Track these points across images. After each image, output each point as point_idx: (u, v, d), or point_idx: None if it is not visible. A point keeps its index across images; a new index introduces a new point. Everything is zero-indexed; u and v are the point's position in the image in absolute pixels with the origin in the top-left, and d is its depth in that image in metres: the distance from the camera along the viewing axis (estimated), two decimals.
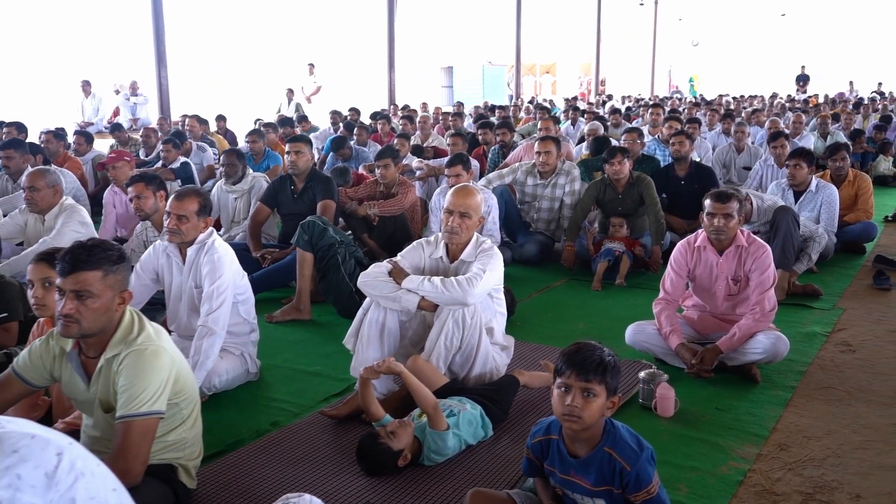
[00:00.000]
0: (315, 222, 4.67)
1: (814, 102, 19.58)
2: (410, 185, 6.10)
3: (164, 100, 12.94)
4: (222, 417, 3.36)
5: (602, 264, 5.39)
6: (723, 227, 3.77)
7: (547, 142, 6.08)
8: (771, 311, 3.73)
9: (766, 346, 3.63)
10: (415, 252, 3.55)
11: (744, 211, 4.98)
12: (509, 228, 6.33)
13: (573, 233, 5.88)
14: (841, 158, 6.44)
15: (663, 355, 3.88)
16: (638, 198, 5.93)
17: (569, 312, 4.89)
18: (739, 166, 8.74)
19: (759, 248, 3.81)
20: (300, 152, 5.37)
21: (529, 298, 5.20)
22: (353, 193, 6.20)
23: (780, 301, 4.87)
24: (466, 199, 3.43)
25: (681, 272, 3.97)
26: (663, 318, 3.86)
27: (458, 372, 3.37)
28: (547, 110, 12.22)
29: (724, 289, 3.91)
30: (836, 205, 5.91)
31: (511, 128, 8.61)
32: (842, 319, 4.62)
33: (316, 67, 19.48)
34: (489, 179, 6.24)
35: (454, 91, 32.22)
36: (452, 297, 3.19)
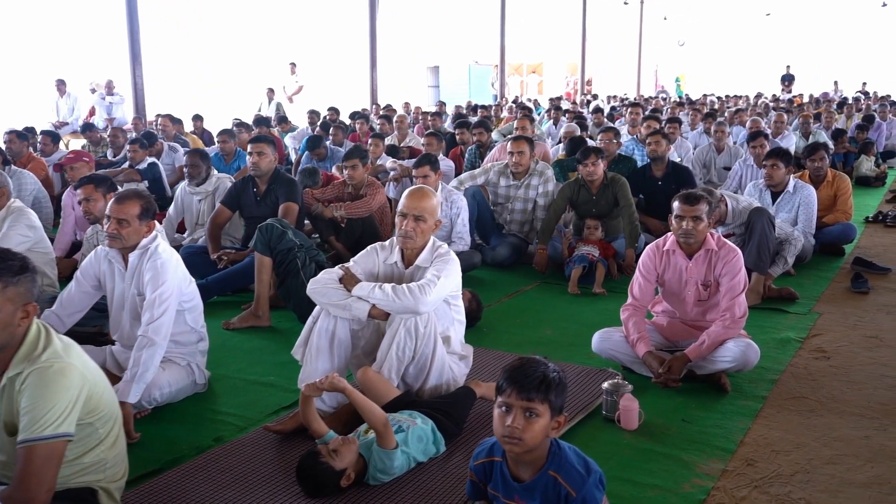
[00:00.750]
0: (273, 225, 4.49)
1: (798, 102, 19.53)
2: (379, 187, 5.93)
3: (140, 99, 12.71)
4: (163, 432, 3.18)
5: (576, 270, 5.24)
6: (691, 230, 3.63)
7: (520, 142, 5.93)
8: (741, 317, 3.59)
9: (736, 355, 3.48)
10: (368, 257, 3.39)
11: (718, 212, 4.88)
12: (482, 230, 6.18)
13: (546, 235, 5.72)
14: (819, 158, 6.32)
15: (631, 363, 3.73)
16: (612, 199, 5.79)
17: (538, 318, 4.73)
18: (720, 166, 8.62)
19: (730, 251, 3.66)
20: (262, 153, 5.18)
21: (499, 303, 5.05)
22: (321, 195, 6.02)
23: (754, 305, 4.78)
24: (421, 201, 3.26)
25: (649, 277, 3.82)
26: (631, 325, 3.71)
27: (412, 383, 3.21)
28: (528, 110, 12.06)
29: (693, 294, 3.76)
30: (813, 206, 5.78)
31: (488, 127, 8.45)
32: (817, 324, 4.49)
33: (298, 67, 19.24)
34: (461, 180, 6.08)
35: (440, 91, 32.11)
36: (404, 305, 3.03)
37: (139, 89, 12.65)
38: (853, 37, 30.08)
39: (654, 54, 34.16)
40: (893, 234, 7.01)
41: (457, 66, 32.46)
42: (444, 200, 5.51)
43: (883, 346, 4.10)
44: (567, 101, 21.21)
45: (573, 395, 3.44)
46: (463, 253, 5.44)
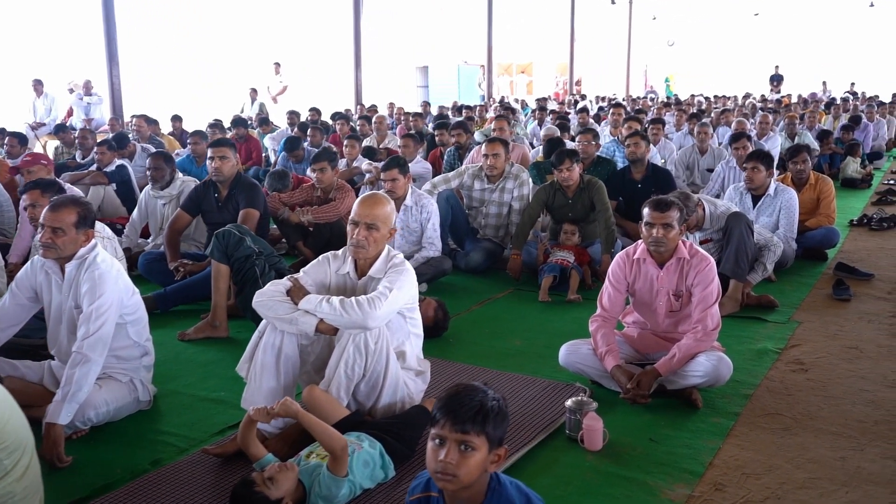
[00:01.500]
0: (230, 232, 4.30)
1: (786, 102, 19.42)
2: (349, 190, 5.75)
3: (117, 100, 12.49)
4: (98, 455, 2.99)
5: (546, 279, 5.07)
6: (662, 238, 3.46)
7: (494, 144, 5.75)
8: (714, 329, 3.42)
9: (707, 370, 3.32)
10: (320, 267, 3.21)
11: (695, 217, 4.72)
12: (456, 235, 6.01)
13: (520, 241, 5.55)
14: (802, 161, 6.17)
15: (599, 378, 3.56)
16: (589, 203, 5.62)
17: (508, 327, 4.55)
18: (703, 168, 8.47)
19: (702, 260, 3.50)
20: (224, 158, 4.98)
21: (469, 311, 4.87)
22: (288, 199, 5.84)
23: (733, 314, 4.63)
24: (373, 208, 3.08)
25: (619, 286, 3.65)
26: (599, 337, 3.54)
27: (363, 402, 3.03)
28: (512, 111, 11.89)
29: (664, 304, 3.60)
30: (795, 210, 5.63)
31: (467, 129, 8.26)
32: (796, 334, 4.33)
33: (282, 67, 19.03)
34: (434, 184, 5.91)
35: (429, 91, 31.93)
36: (352, 320, 2.84)
37: (116, 90, 12.43)
38: (841, 37, 30.06)
39: (643, 54, 34.07)
40: (877, 238, 6.87)
41: (446, 67, 32.29)
42: (413, 205, 5.33)
43: (863, 358, 3.94)
44: (554, 102, 21.05)
45: (536, 412, 3.27)
46: (433, 259, 5.28)
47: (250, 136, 10.82)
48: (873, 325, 4.47)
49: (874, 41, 29.51)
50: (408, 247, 5.42)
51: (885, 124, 13.71)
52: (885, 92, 22.04)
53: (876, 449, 2.96)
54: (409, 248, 5.41)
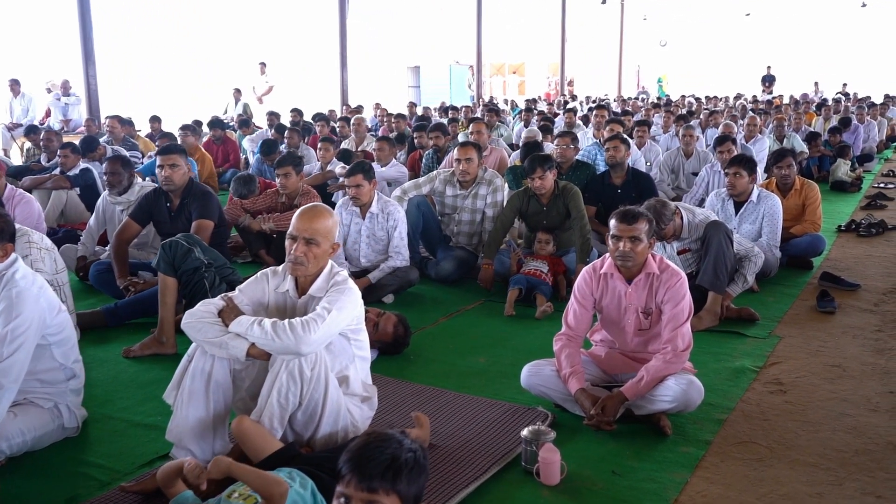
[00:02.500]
0: (178, 242, 4.06)
1: (777, 103, 19.22)
2: (314, 196, 5.51)
3: (94, 100, 12.21)
4: (10, 489, 2.74)
5: (512, 292, 4.83)
6: (629, 251, 3.23)
7: (467, 148, 5.52)
8: (684, 350, 3.20)
9: (676, 394, 3.09)
10: (257, 285, 2.97)
11: (672, 226, 4.50)
12: (428, 243, 5.78)
13: (492, 249, 5.31)
14: (787, 166, 5.95)
15: (563, 401, 3.32)
16: (564, 210, 5.39)
17: (473, 343, 4.32)
18: (688, 172, 8.26)
19: (673, 275, 3.27)
20: (175, 165, 4.72)
21: (435, 325, 4.63)
22: (251, 205, 5.60)
23: (711, 328, 4.40)
24: (313, 222, 2.84)
25: (585, 303, 3.42)
26: (563, 358, 3.31)
27: (301, 432, 2.78)
28: (497, 112, 11.65)
29: (633, 322, 3.37)
30: (778, 217, 5.41)
31: (445, 131, 8.03)
32: (777, 350, 4.10)
33: (268, 66, 18.76)
34: (404, 189, 5.67)
35: (421, 91, 31.72)
36: (283, 345, 2.60)
37: (93, 90, 12.16)
38: (834, 38, 29.93)
39: (636, 54, 33.90)
40: (865, 245, 6.66)
41: (438, 67, 32.11)
42: (379, 212, 5.10)
43: (845, 378, 3.72)
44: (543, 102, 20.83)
45: (492, 440, 3.04)
46: (399, 269, 5.04)
47: (227, 138, 10.58)
48: (858, 340, 4.24)
49: (866, 42, 29.38)
50: (374, 256, 5.18)
51: (875, 126, 13.53)
52: (878, 93, 21.87)
53: (855, 483, 2.73)
54: (376, 257, 5.18)
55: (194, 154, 8.54)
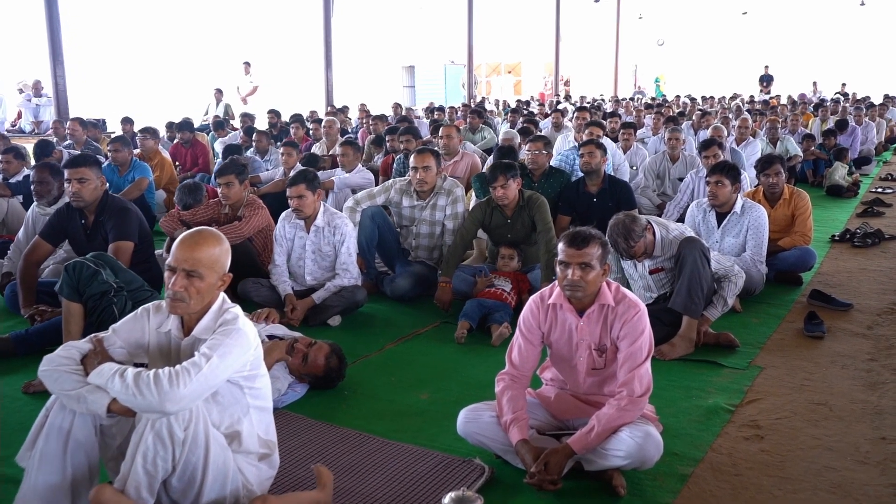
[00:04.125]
0: (83, 264, 3.62)
1: (774, 104, 18.75)
2: (260, 207, 5.06)
3: (62, 101, 11.77)
4: None
5: (462, 324, 4.38)
6: (578, 280, 2.78)
7: (424, 155, 5.07)
8: (642, 395, 2.75)
9: (630, 450, 2.64)
10: (136, 323, 2.52)
11: (643, 243, 4.06)
12: (385, 257, 5.34)
13: (450, 266, 4.86)
14: (775, 173, 5.50)
15: (503, 452, 2.88)
16: (529, 222, 4.96)
17: (420, 374, 3.87)
18: (674, 177, 7.80)
19: (630, 307, 2.82)
20: (84, 179, 4.25)
21: (380, 352, 4.19)
22: (190, 217, 5.15)
23: (686, 357, 3.96)
24: (195, 250, 2.40)
25: (532, 337, 2.97)
26: (505, 402, 2.87)
27: (180, 500, 2.34)
28: (479, 114, 11.20)
29: (586, 360, 2.93)
30: (764, 229, 4.97)
31: (416, 134, 7.60)
32: (756, 384, 3.66)
33: (252, 66, 18.33)
34: (357, 199, 5.22)
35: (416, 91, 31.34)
36: (146, 402, 2.16)
37: (61, 91, 11.72)
38: (832, 37, 29.45)
39: (633, 54, 33.45)
40: (860, 257, 6.21)
41: (432, 66, 31.76)
42: (325, 225, 4.66)
43: (831, 419, 3.27)
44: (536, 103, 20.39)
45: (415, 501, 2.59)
46: (346, 288, 4.59)
47: (197, 141, 10.12)
48: (847, 371, 3.80)
49: (865, 41, 28.90)
50: (320, 273, 4.74)
51: (874, 127, 13.07)
52: (877, 93, 21.40)
53: None
54: (322, 274, 4.74)
55: (153, 158, 8.10)
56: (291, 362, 3.52)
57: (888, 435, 3.11)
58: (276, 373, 3.47)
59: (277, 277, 4.66)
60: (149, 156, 8.12)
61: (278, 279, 4.65)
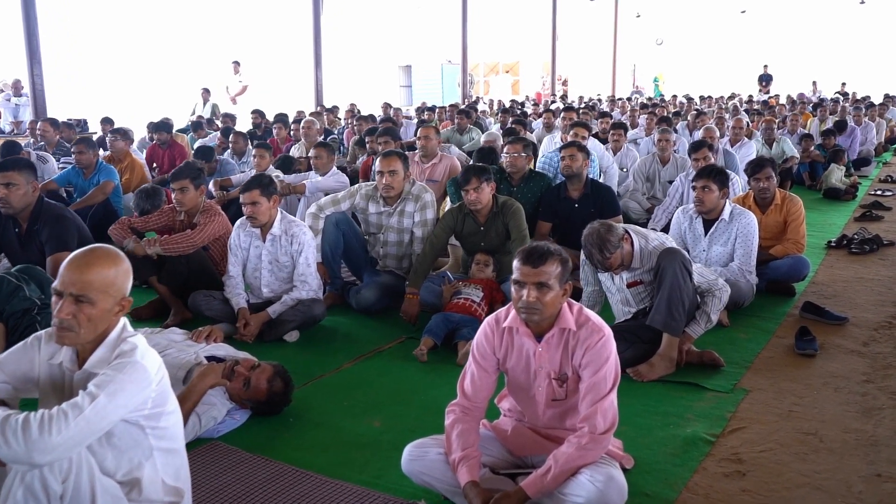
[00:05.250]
0: (4, 278, 3.33)
1: (773, 103, 18.42)
2: (216, 214, 4.75)
3: (40, 101, 11.45)
4: None
5: (426, 341, 4.06)
6: (535, 302, 2.47)
7: (390, 159, 4.75)
8: (605, 431, 2.45)
9: (590, 495, 2.33)
10: (25, 354, 2.22)
11: (620, 255, 3.75)
12: (353, 266, 5.04)
13: (418, 277, 4.56)
14: (766, 177, 5.19)
15: (452, 494, 2.57)
16: (503, 230, 4.66)
17: (376, 397, 3.56)
18: (664, 180, 7.48)
19: (593, 332, 2.52)
20: (12, 184, 3.94)
21: (336, 371, 3.88)
22: (142, 224, 4.85)
23: (665, 377, 3.66)
24: (85, 272, 2.09)
25: (486, 364, 2.67)
26: (454, 437, 2.56)
27: None
28: (465, 114, 10.88)
29: (545, 390, 2.62)
30: (753, 237, 4.66)
31: (395, 136, 7.29)
32: (740, 410, 3.35)
33: (242, 66, 18.02)
34: (320, 206, 4.90)
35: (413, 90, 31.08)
36: (11, 452, 1.86)
37: (38, 90, 11.39)
38: (832, 36, 29.12)
39: (632, 53, 33.14)
40: (857, 265, 5.90)
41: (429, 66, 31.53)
42: (282, 234, 4.35)
43: (821, 451, 2.96)
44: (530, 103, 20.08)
45: None
46: (304, 302, 4.28)
47: (174, 142, 9.81)
48: (841, 395, 3.49)
49: (865, 40, 28.56)
50: (277, 284, 4.43)
51: (873, 128, 12.74)
52: (877, 92, 21.06)
53: None
54: (280, 286, 4.43)
55: (124, 160, 7.80)
56: (231, 387, 3.21)
57: (884, 471, 2.80)
58: (213, 399, 3.17)
59: (231, 289, 4.35)
60: (119, 157, 7.81)
61: (232, 291, 4.34)
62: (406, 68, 32.25)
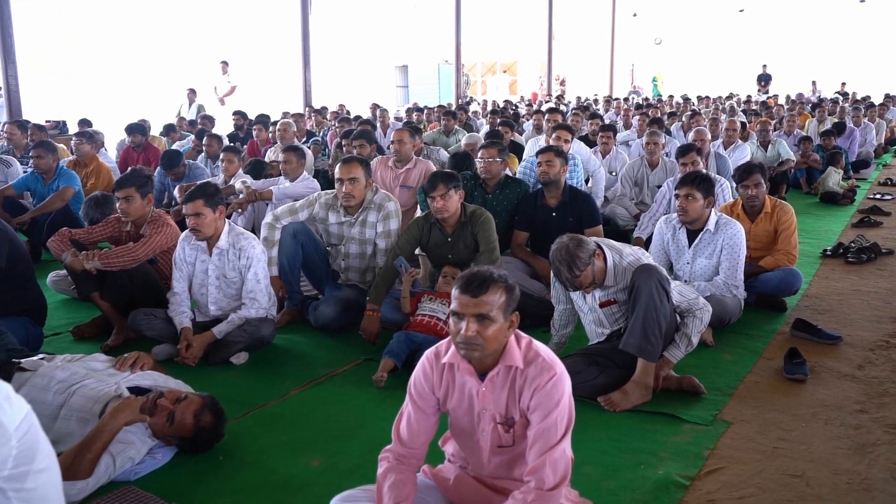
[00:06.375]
0: None
1: (771, 104, 18.08)
2: (164, 225, 4.42)
3: (14, 102, 11.12)
4: None
5: (385, 362, 3.74)
6: (475, 337, 2.15)
7: (351, 165, 4.42)
8: (555, 487, 2.12)
9: None
10: None
11: (591, 272, 3.42)
12: (314, 279, 4.72)
13: (379, 293, 4.23)
14: (754, 184, 4.86)
15: None
16: (472, 240, 4.33)
17: (319, 430, 3.23)
18: (653, 184, 7.16)
19: (543, 371, 2.19)
20: None
21: (281, 399, 3.55)
22: (86, 235, 4.52)
23: (640, 407, 3.33)
24: None
25: (424, 405, 2.35)
26: (386, 488, 2.24)
27: None
28: (452, 115, 10.55)
29: (490, 435, 2.29)
30: (739, 249, 4.34)
31: (370, 139, 6.97)
32: (720, 446, 3.02)
33: (230, 66, 17.70)
34: (276, 216, 4.57)
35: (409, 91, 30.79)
36: None
37: (13, 91, 11.07)
38: (831, 35, 28.77)
39: (630, 53, 32.82)
40: (854, 276, 5.57)
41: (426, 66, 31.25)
42: (230, 247, 4.03)
43: (808, 498, 2.64)
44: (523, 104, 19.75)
45: None
46: (251, 321, 3.96)
47: (149, 145, 9.49)
48: (832, 429, 3.16)
49: (865, 39, 28.21)
50: (226, 302, 4.11)
51: (873, 129, 12.41)
52: (878, 92, 20.72)
53: None
54: (228, 303, 4.11)
55: (89, 164, 7.48)
56: (153, 422, 2.89)
57: None
58: (132, 437, 2.85)
59: (175, 307, 4.03)
60: (84, 161, 7.49)
61: (175, 309, 4.02)
62: (402, 68, 31.99)
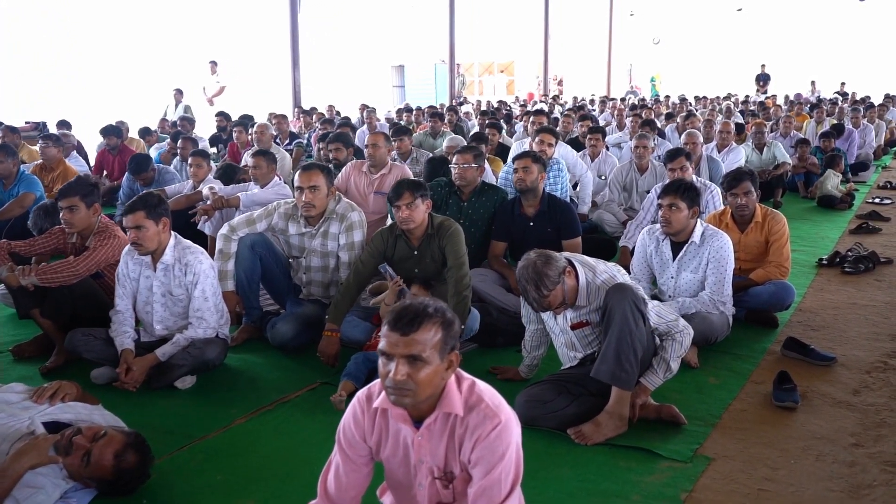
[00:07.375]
0: None
1: (770, 104, 17.77)
2: (111, 237, 4.12)
3: None
4: None
5: (345, 384, 3.46)
6: (405, 381, 1.86)
7: (311, 172, 4.13)
8: None
9: None
10: None
11: (561, 291, 3.13)
12: (275, 294, 4.43)
13: (340, 311, 3.94)
14: (744, 193, 4.57)
15: None
16: (440, 254, 4.04)
17: (261, 465, 2.93)
18: (642, 189, 6.88)
19: (486, 420, 1.91)
20: None
21: (224, 430, 3.25)
22: (27, 247, 4.23)
23: (612, 440, 3.04)
24: None
25: (354, 455, 2.06)
26: None
27: None
28: (439, 116, 10.26)
29: (428, 490, 2.00)
30: (727, 262, 4.04)
31: (347, 142, 6.68)
32: (699, 488, 2.73)
33: (219, 66, 17.41)
34: (232, 226, 4.27)
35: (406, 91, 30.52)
36: None
37: None
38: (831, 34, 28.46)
39: (628, 53, 32.53)
40: (850, 287, 5.27)
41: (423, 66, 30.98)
42: (175, 262, 3.74)
43: None
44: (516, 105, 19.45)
45: None
46: (198, 342, 3.67)
47: (125, 147, 9.22)
48: (824, 466, 2.87)
49: (865, 39, 27.90)
50: (173, 321, 3.82)
51: (872, 130, 12.10)
52: (877, 93, 20.41)
53: None
54: (176, 322, 3.82)
55: (56, 168, 7.20)
56: (68, 463, 2.60)
57: None
58: (42, 480, 2.56)
59: (117, 327, 3.73)
60: (51, 166, 7.21)
61: (117, 329, 3.72)
62: (399, 68, 31.73)
